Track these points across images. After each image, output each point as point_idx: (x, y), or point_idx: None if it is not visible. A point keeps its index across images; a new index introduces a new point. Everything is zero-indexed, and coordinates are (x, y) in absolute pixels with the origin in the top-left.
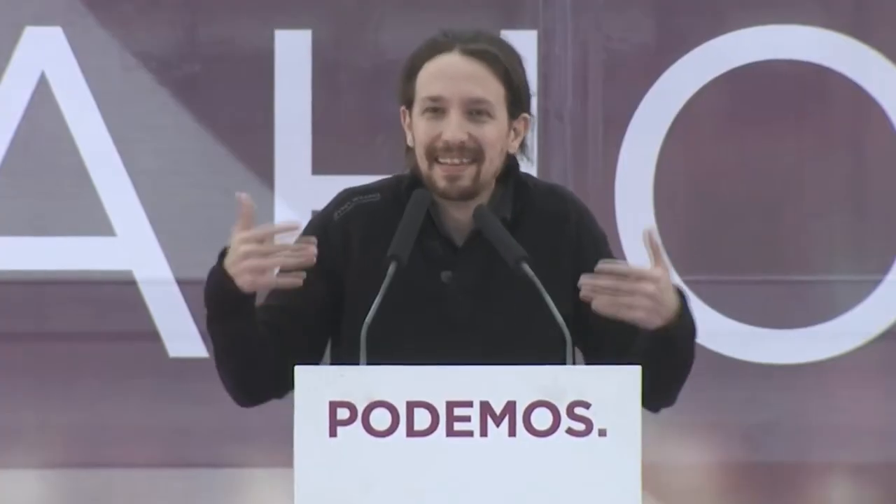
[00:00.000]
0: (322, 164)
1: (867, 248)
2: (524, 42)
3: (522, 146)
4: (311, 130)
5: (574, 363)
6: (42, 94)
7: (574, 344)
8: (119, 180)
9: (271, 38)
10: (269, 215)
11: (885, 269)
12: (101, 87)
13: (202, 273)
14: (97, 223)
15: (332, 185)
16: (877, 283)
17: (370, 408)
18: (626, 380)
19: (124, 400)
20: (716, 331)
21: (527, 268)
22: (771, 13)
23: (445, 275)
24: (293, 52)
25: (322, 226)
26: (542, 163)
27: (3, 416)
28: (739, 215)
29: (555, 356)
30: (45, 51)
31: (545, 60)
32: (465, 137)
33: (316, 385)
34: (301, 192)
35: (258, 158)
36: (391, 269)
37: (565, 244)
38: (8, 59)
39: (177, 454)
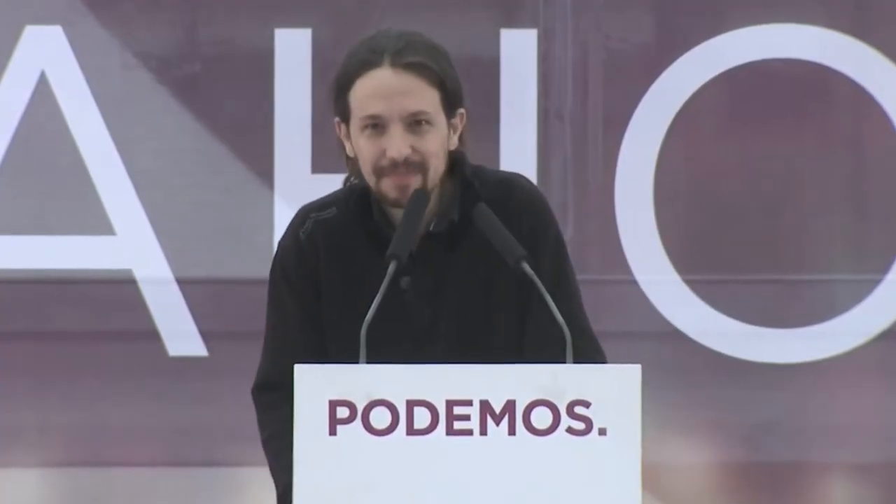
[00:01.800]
0: (322, 163)
1: (867, 248)
2: (524, 42)
3: (462, 140)
4: (311, 130)
5: (572, 362)
6: (42, 93)
7: (520, 339)
8: (119, 180)
9: (271, 38)
10: (269, 215)
11: (884, 269)
12: (101, 86)
13: (202, 272)
14: (97, 223)
15: (332, 185)
16: (877, 282)
17: (370, 406)
18: (627, 379)
19: (124, 400)
20: (716, 330)
21: (527, 267)
22: (770, 12)
23: (405, 281)
24: (293, 51)
25: (296, 249)
26: (542, 163)
27: (3, 416)
28: (739, 215)
29: (516, 355)
30: (45, 50)
31: (545, 60)
32: (408, 152)
33: (315, 384)
34: (301, 192)
35: (258, 158)
36: (391, 268)
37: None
38: (8, 58)
39: (177, 454)
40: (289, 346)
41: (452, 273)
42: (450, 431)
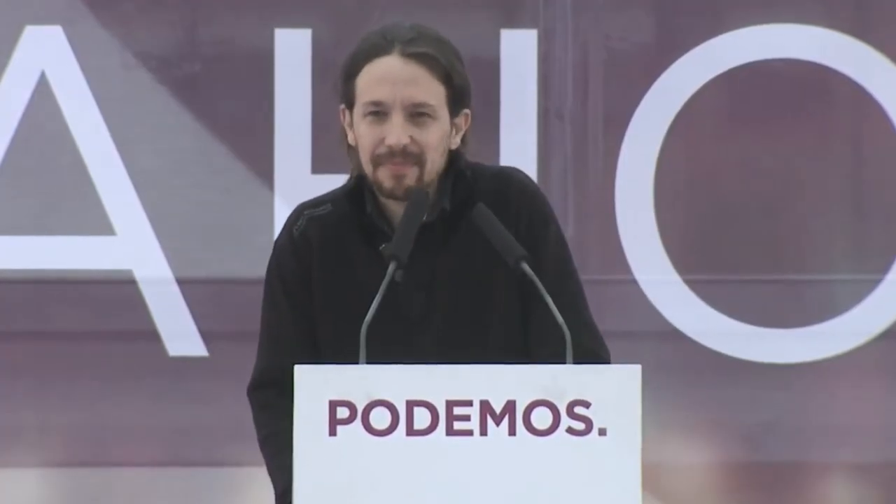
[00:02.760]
0: (322, 163)
1: (867, 248)
2: (524, 42)
3: (464, 141)
4: (311, 130)
5: (572, 362)
6: (42, 93)
7: (522, 335)
8: (119, 180)
9: (271, 38)
10: (269, 215)
11: (884, 269)
12: (101, 86)
13: (202, 272)
14: (97, 223)
15: (332, 185)
16: (876, 282)
17: (370, 407)
18: (627, 379)
19: (124, 400)
20: (716, 330)
21: (527, 268)
22: (771, 12)
23: (398, 274)
24: (293, 51)
25: (290, 247)
26: (542, 163)
27: (3, 416)
28: (739, 215)
29: (511, 354)
30: (46, 50)
31: (545, 60)
32: (407, 141)
33: (315, 384)
34: (301, 192)
35: (258, 158)
36: (391, 268)
37: (508, 228)
38: (8, 58)
39: (177, 454)
40: (284, 345)
41: (445, 265)
42: (450, 432)
